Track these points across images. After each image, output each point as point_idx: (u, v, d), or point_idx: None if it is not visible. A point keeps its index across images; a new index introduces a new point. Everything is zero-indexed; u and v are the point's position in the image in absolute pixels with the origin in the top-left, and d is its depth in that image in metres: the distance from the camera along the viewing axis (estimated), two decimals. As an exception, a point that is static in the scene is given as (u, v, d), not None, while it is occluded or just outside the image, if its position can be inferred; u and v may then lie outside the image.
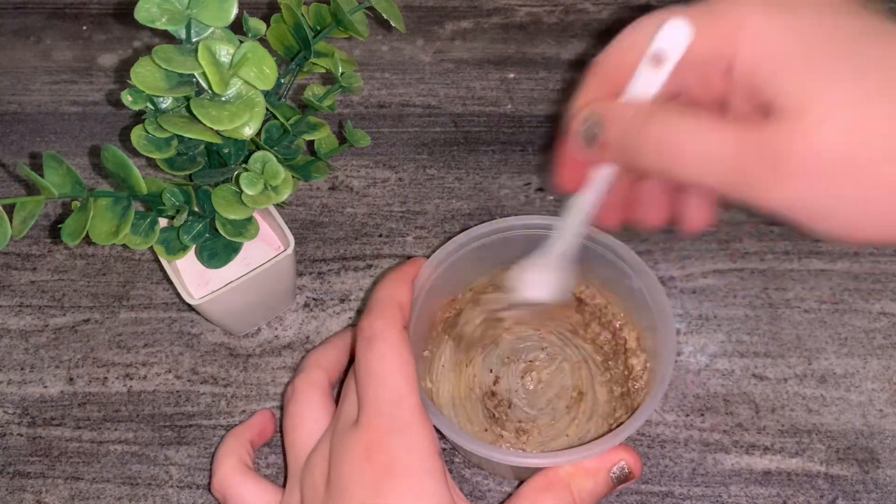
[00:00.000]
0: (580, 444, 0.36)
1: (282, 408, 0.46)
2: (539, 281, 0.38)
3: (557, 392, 0.44)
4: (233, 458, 0.41)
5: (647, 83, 0.31)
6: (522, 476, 0.40)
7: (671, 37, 0.30)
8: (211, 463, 0.44)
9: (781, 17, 0.27)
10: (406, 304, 0.38)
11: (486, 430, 0.43)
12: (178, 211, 0.39)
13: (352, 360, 0.40)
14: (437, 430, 0.37)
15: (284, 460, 0.44)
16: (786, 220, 0.27)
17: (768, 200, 0.27)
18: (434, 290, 0.42)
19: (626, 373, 0.43)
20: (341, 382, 0.44)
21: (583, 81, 0.33)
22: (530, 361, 0.45)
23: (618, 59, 0.32)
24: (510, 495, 0.37)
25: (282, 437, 0.41)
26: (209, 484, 0.43)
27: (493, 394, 0.44)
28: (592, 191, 0.35)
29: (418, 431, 0.34)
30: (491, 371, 0.45)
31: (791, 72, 0.26)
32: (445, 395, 0.44)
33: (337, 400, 0.40)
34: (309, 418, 0.39)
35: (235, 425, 0.44)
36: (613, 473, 0.36)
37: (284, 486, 0.39)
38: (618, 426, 0.36)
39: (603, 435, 0.36)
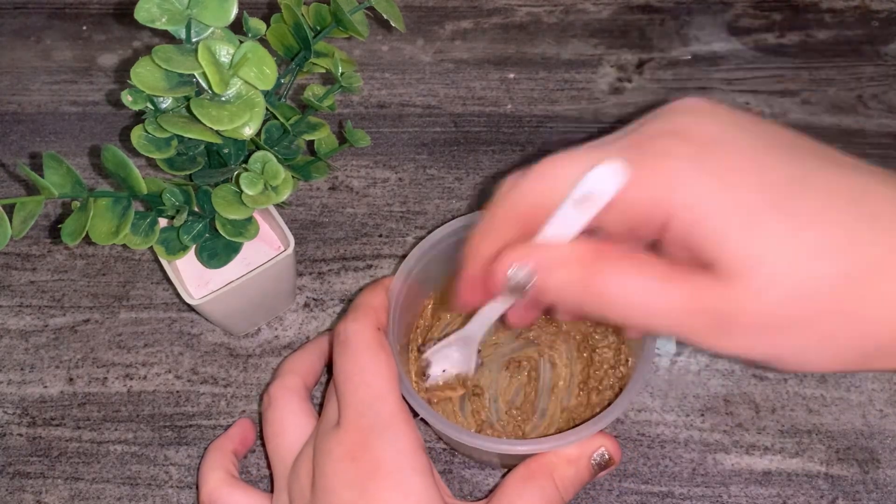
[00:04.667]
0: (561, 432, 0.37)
1: (260, 416, 0.46)
2: (451, 357, 0.42)
3: (540, 382, 0.45)
4: (218, 471, 0.41)
5: (567, 224, 0.28)
6: (509, 465, 0.41)
7: (603, 180, 0.27)
8: (197, 478, 0.44)
9: (712, 169, 0.27)
10: (381, 308, 0.38)
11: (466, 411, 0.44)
12: (178, 211, 0.39)
13: (331, 364, 0.40)
14: (427, 423, 0.37)
15: (269, 468, 0.44)
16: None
17: (721, 350, 0.27)
18: (413, 288, 0.42)
19: (612, 360, 0.43)
20: (324, 386, 0.44)
21: (488, 215, 0.31)
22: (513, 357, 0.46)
23: (533, 198, 0.29)
24: (496, 486, 0.37)
25: (263, 445, 0.41)
26: (197, 499, 0.43)
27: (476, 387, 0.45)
28: (498, 306, 0.35)
29: (401, 429, 0.34)
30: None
31: (729, 233, 0.26)
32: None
33: (318, 406, 0.40)
34: (290, 424, 0.38)
35: (218, 437, 0.44)
36: (594, 460, 0.36)
37: (272, 492, 0.39)
38: (601, 411, 0.37)
39: (584, 422, 0.36)
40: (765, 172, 0.27)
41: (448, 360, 0.42)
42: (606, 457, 0.36)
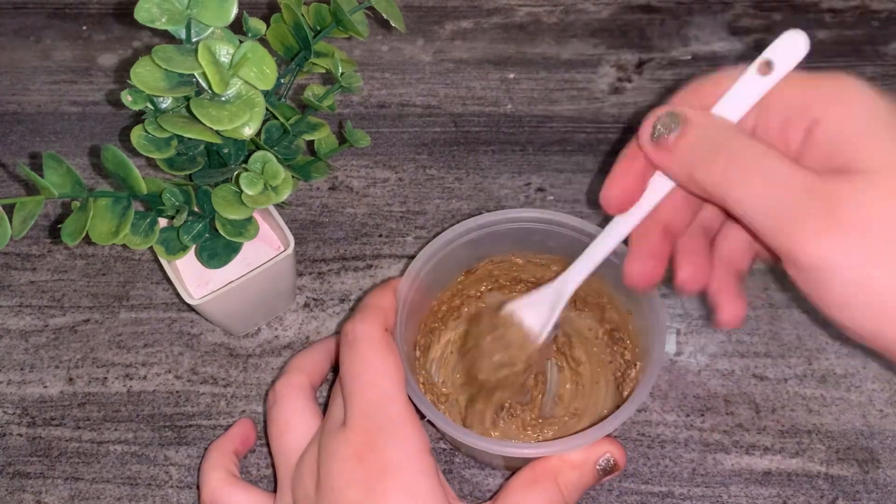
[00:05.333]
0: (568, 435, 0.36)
1: (264, 413, 0.46)
2: (535, 311, 0.38)
3: (547, 386, 0.45)
4: (219, 470, 0.41)
5: (745, 94, 0.31)
6: (514, 467, 0.41)
7: (788, 45, 0.30)
8: (197, 478, 0.44)
9: (872, 99, 0.29)
10: (389, 309, 0.38)
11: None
12: (178, 211, 0.39)
13: (337, 365, 0.39)
14: (432, 424, 0.37)
15: (269, 467, 0.44)
16: (812, 297, 0.28)
17: (809, 248, 0.27)
18: (422, 289, 0.42)
19: (620, 365, 0.43)
20: (329, 387, 0.44)
21: (678, 94, 0.33)
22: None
23: (717, 80, 0.32)
24: (499, 489, 0.37)
25: (267, 443, 0.41)
26: (198, 499, 0.43)
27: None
28: (639, 210, 0.34)
29: (408, 430, 0.34)
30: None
31: (874, 139, 0.28)
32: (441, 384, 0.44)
33: (324, 406, 0.40)
34: (295, 422, 0.38)
35: (218, 436, 0.44)
36: (599, 465, 0.36)
37: (275, 491, 0.39)
38: (608, 416, 0.37)
39: (591, 426, 0.36)
40: None
41: (530, 314, 0.39)
42: (612, 462, 0.36)
